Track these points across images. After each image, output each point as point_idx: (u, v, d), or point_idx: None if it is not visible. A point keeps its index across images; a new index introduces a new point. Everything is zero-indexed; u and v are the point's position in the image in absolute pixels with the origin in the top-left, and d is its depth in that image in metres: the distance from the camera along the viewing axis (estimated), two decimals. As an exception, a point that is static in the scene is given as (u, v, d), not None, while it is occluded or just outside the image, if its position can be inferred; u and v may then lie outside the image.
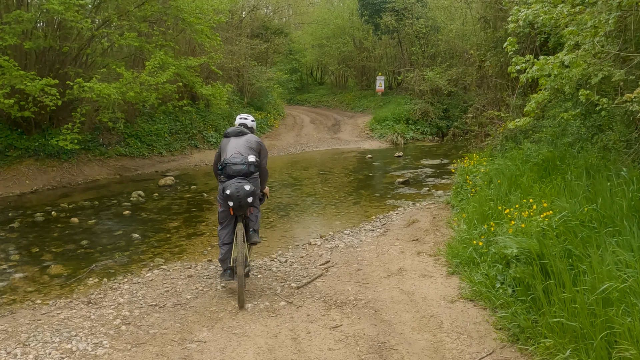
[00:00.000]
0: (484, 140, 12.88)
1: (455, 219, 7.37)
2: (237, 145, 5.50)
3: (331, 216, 9.68)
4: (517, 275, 4.28)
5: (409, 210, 9.50)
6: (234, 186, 5.10)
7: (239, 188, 5.08)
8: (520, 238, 4.43)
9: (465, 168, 9.05)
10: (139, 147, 15.88)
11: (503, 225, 5.32)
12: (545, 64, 5.29)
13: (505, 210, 5.39)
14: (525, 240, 4.31)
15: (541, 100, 5.71)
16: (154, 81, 11.15)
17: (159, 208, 10.57)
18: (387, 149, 20.22)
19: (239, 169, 5.27)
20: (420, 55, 25.62)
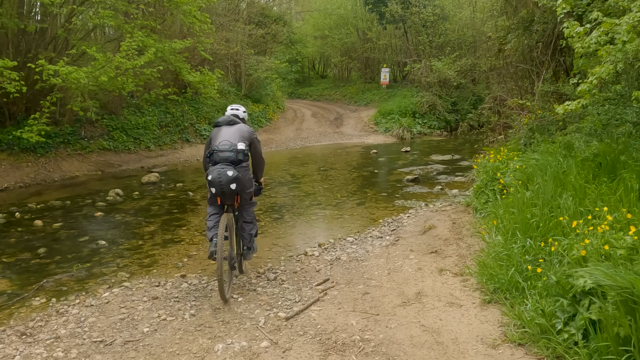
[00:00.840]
0: (503, 132, 11.59)
1: (483, 227, 6.07)
2: (228, 133, 5.17)
3: (332, 219, 8.39)
4: (595, 317, 3.00)
5: (422, 212, 8.20)
6: (217, 171, 4.81)
7: (222, 173, 4.79)
8: (601, 266, 3.13)
9: (489, 164, 7.75)
10: (125, 140, 14.61)
11: (562, 241, 4.03)
12: (614, 26, 3.98)
13: (573, 223, 4.01)
14: (613, 270, 3.01)
15: (605, 74, 4.39)
16: (130, 64, 9.85)
17: (136, 209, 9.30)
18: (393, 143, 18.91)
19: (226, 156, 4.95)
20: (428, 45, 24.26)
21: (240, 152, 5.02)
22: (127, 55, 9.85)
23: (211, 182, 4.86)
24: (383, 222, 7.98)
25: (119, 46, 10.70)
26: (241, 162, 5.05)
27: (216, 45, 15.90)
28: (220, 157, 4.95)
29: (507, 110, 11.25)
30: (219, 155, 4.96)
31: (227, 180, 4.78)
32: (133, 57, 10.00)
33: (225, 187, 4.81)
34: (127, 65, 9.77)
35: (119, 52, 9.97)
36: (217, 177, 4.79)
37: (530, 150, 8.62)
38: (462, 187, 10.72)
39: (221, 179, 4.79)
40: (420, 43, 24.58)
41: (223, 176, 4.78)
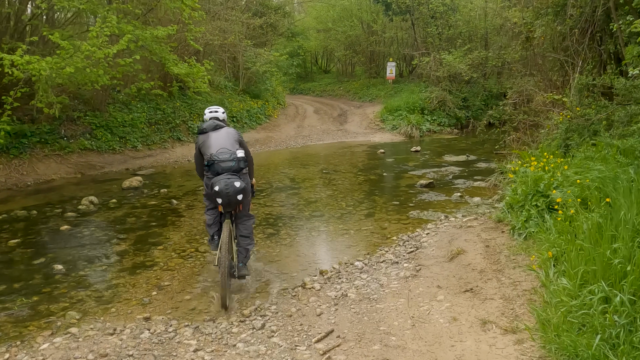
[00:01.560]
0: (528, 132, 10.28)
1: (532, 256, 4.74)
2: (220, 139, 5.09)
3: (336, 235, 7.10)
4: None
5: (444, 229, 6.91)
6: (224, 182, 4.74)
7: (229, 185, 4.74)
8: None
9: (529, 172, 6.42)
10: (109, 139, 13.33)
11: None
12: None
13: None
14: None
15: None
16: (101, 53, 8.55)
17: (109, 221, 8.03)
18: (401, 142, 17.61)
19: (228, 165, 4.89)
20: (437, 38, 22.87)
21: (241, 160, 4.98)
22: (97, 43, 8.54)
23: (219, 194, 4.74)
24: (397, 240, 6.69)
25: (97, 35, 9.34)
26: (242, 169, 5.01)
27: (209, 36, 14.57)
28: (223, 168, 4.86)
29: (534, 106, 9.94)
30: (221, 166, 4.87)
31: (234, 192, 4.74)
32: (105, 45, 8.69)
33: (233, 197, 4.76)
34: (98, 54, 8.47)
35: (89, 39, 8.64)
36: (225, 189, 4.71)
37: (569, 155, 7.31)
38: (483, 194, 9.43)
39: (229, 190, 4.72)
40: (429, 35, 23.22)
41: (230, 187, 4.72)
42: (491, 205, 8.41)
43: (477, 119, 21.99)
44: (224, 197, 4.73)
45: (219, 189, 4.71)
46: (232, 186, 4.72)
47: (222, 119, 5.47)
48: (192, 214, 8.26)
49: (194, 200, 9.20)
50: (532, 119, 9.82)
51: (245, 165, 5.07)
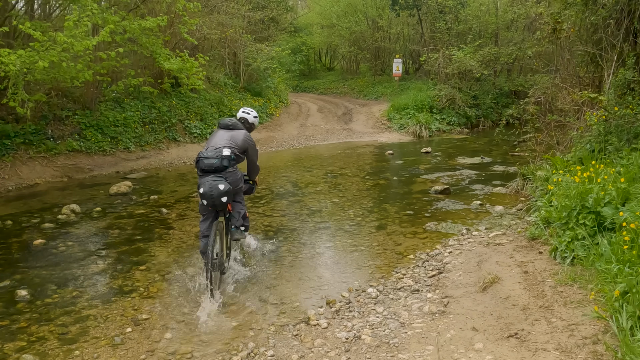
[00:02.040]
0: (552, 133, 9.38)
1: (591, 294, 3.85)
2: (221, 137, 5.26)
3: (345, 253, 6.22)
4: None
5: (468, 246, 6.03)
6: (208, 185, 4.82)
7: (213, 187, 4.80)
8: None
9: (572, 183, 5.52)
10: (99, 140, 12.47)
11: None
12: None
13: None
14: None
15: None
16: (80, 46, 7.67)
17: (90, 234, 7.17)
18: (410, 142, 16.71)
19: (210, 163, 4.93)
20: (446, 33, 21.93)
21: (225, 159, 4.97)
22: (77, 33, 7.64)
23: (203, 195, 4.84)
24: (415, 259, 5.83)
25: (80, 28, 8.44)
26: (227, 167, 4.99)
27: (206, 29, 13.67)
28: (206, 164, 4.93)
29: (561, 105, 9.05)
30: (204, 163, 4.95)
31: (218, 194, 4.80)
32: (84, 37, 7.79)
33: (217, 200, 4.81)
34: (77, 47, 7.59)
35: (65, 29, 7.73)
36: (209, 191, 4.80)
37: (610, 160, 6.42)
38: (505, 201, 8.56)
39: (212, 193, 4.80)
40: (437, 30, 22.28)
41: (215, 190, 4.79)
42: (516, 216, 7.54)
43: (487, 118, 21.11)
44: (209, 200, 4.83)
45: (203, 191, 4.84)
46: (216, 189, 4.79)
47: (251, 123, 5.69)
48: (182, 226, 7.40)
49: (186, 208, 8.34)
50: (558, 119, 8.91)
51: (230, 163, 5.01)
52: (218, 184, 4.80)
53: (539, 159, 9.32)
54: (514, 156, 13.29)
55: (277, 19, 21.47)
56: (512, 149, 13.92)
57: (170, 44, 12.45)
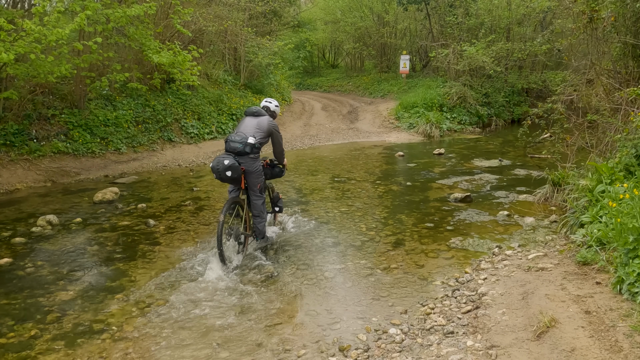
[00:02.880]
0: (584, 135, 8.43)
1: None
2: (247, 124, 5.70)
3: (358, 278, 5.28)
4: None
5: (505, 270, 5.09)
6: (216, 160, 5.34)
7: (219, 162, 5.29)
8: None
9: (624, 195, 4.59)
10: (88, 141, 11.54)
11: None
12: None
13: None
14: None
15: None
16: (52, 36, 6.71)
17: (65, 250, 6.25)
18: (420, 143, 15.76)
19: (235, 146, 5.42)
20: (457, 28, 20.94)
21: (248, 145, 5.43)
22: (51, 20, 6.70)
23: (211, 169, 5.36)
24: (444, 287, 4.90)
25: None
26: (248, 154, 5.46)
27: (203, 21, 12.70)
28: (230, 147, 5.46)
29: (596, 103, 8.10)
30: (229, 145, 5.47)
31: (223, 168, 5.26)
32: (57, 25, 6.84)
33: (222, 173, 5.29)
34: (50, 37, 6.65)
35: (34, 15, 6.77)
36: (216, 165, 5.31)
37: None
38: (534, 211, 7.64)
39: (218, 167, 5.28)
40: (447, 25, 21.29)
41: (220, 164, 5.27)
42: (551, 230, 6.62)
43: (499, 116, 20.17)
44: (215, 173, 5.35)
45: (211, 165, 5.37)
46: (221, 163, 5.28)
47: (273, 111, 6.20)
48: (170, 241, 6.47)
49: (176, 220, 7.41)
50: (592, 120, 7.96)
51: (252, 151, 5.50)
52: (224, 159, 5.30)
53: (570, 162, 8.39)
54: (533, 158, 12.35)
55: (279, 13, 20.48)
56: (530, 151, 12.98)
57: (164, 37, 11.50)
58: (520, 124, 21.07)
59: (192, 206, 8.15)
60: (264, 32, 18.68)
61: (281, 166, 6.33)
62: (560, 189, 8.10)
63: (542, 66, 22.10)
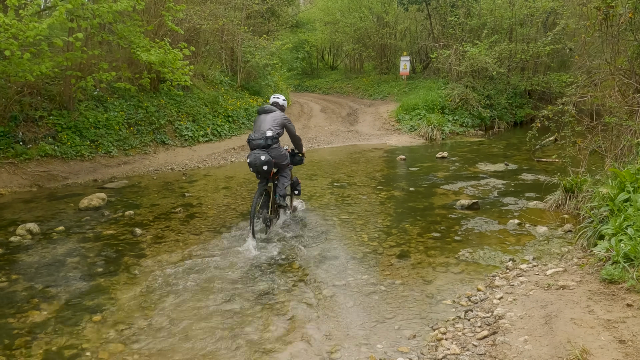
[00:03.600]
0: (596, 138, 7.99)
1: None
2: (263, 121, 6.56)
3: (360, 297, 4.80)
4: None
5: (522, 287, 4.63)
6: (253, 156, 6.25)
7: (256, 158, 6.21)
8: None
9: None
10: (77, 144, 11.08)
11: None
12: None
13: None
14: None
15: None
16: (30, 31, 6.21)
17: (43, 263, 5.77)
18: (422, 145, 15.31)
19: (258, 142, 6.33)
20: (459, 28, 20.51)
21: (268, 138, 6.34)
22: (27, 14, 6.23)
23: (249, 164, 6.30)
24: (455, 307, 4.44)
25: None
26: (270, 146, 6.38)
27: (197, 19, 12.24)
28: (254, 144, 6.36)
29: (610, 105, 7.65)
30: (253, 143, 6.36)
31: (260, 163, 6.20)
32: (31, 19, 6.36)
33: (259, 167, 6.23)
34: (27, 32, 6.16)
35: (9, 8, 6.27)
36: (253, 161, 6.23)
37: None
38: (546, 219, 7.19)
39: (256, 162, 6.22)
40: (449, 25, 20.86)
41: (257, 160, 6.21)
42: (566, 241, 6.18)
43: (502, 119, 19.76)
44: (253, 167, 6.27)
45: (249, 161, 6.27)
46: (258, 159, 6.18)
47: (282, 105, 6.97)
48: (157, 252, 6.00)
49: (165, 228, 6.94)
50: (604, 122, 7.52)
51: (273, 142, 6.37)
52: (260, 155, 6.20)
53: (583, 167, 7.94)
54: (540, 162, 11.92)
55: (277, 13, 20.01)
56: (538, 154, 12.54)
57: (157, 35, 11.03)
58: (523, 126, 20.85)
59: (182, 213, 7.69)
60: (261, 31, 18.22)
61: (300, 155, 7.35)
62: (573, 195, 7.67)
63: (545, 67, 21.71)
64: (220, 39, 15.69)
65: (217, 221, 7.29)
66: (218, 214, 7.68)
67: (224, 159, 12.42)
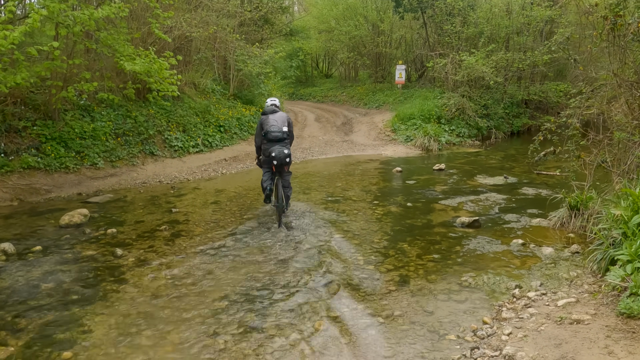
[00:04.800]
0: (603, 151, 7.65)
1: None
2: (275, 119, 7.50)
3: (357, 331, 4.41)
4: None
5: (532, 321, 4.26)
6: (277, 150, 7.26)
7: (280, 152, 7.26)
8: None
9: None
10: (61, 155, 10.65)
11: None
12: None
13: None
14: None
15: None
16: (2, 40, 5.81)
17: (14, 288, 5.35)
18: (418, 157, 14.97)
19: (276, 135, 7.35)
20: (455, 37, 20.25)
21: (285, 133, 7.45)
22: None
23: (275, 157, 7.24)
24: (459, 343, 4.07)
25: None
26: (285, 139, 7.49)
27: (187, 27, 11.86)
28: (273, 136, 7.34)
29: (615, 116, 7.34)
30: (272, 135, 7.34)
31: (284, 156, 7.28)
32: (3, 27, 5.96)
33: (283, 160, 7.29)
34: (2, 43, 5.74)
35: None
36: (279, 154, 7.24)
37: None
38: (551, 239, 6.86)
39: (281, 155, 7.25)
40: (445, 34, 20.59)
41: (282, 154, 7.26)
42: (574, 264, 5.83)
43: (499, 129, 19.48)
44: (278, 160, 7.24)
45: (275, 154, 7.23)
46: (282, 153, 7.27)
47: (277, 105, 7.81)
48: (139, 277, 5.60)
49: (148, 249, 6.53)
50: (615, 137, 7.19)
51: (287, 136, 7.50)
52: (284, 149, 7.28)
53: (588, 183, 7.60)
54: (540, 175, 11.60)
55: (271, 21, 19.66)
56: (539, 168, 12.22)
57: (145, 43, 10.65)
58: (520, 136, 20.58)
59: (167, 231, 7.28)
60: (254, 39, 17.86)
61: None
62: (579, 213, 7.33)
63: (542, 77, 21.48)
64: (212, 47, 15.33)
65: (203, 241, 6.88)
66: (205, 232, 7.28)
67: (214, 171, 12.02)
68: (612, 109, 7.57)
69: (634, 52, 7.02)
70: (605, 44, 7.00)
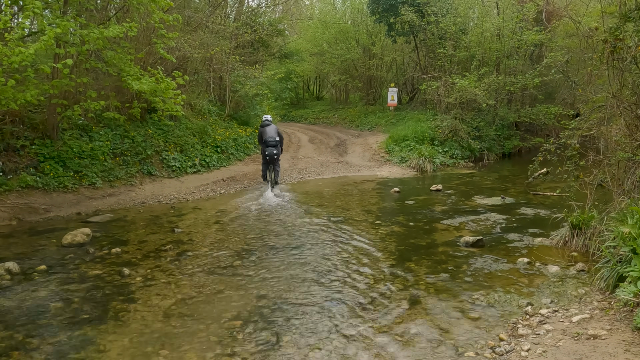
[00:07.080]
0: (605, 172, 7.77)
1: None
2: (270, 130, 11.69)
3: (374, 349, 4.41)
4: None
5: (549, 337, 4.29)
6: (270, 150, 11.47)
7: (272, 152, 11.48)
8: None
9: None
10: (60, 175, 10.59)
11: None
12: None
13: None
14: None
15: None
16: (15, 57, 5.84)
17: (23, 309, 5.29)
18: (414, 178, 15.06)
19: (272, 142, 11.51)
20: (448, 60, 20.57)
21: (276, 140, 11.62)
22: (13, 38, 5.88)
23: (269, 155, 11.50)
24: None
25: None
26: (278, 143, 11.66)
27: (188, 48, 11.95)
28: (269, 143, 11.47)
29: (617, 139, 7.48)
30: (269, 142, 11.48)
31: (275, 154, 11.53)
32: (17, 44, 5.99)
33: (274, 157, 11.53)
34: (12, 57, 5.78)
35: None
36: (270, 153, 11.49)
37: None
38: (555, 258, 6.92)
39: (272, 154, 11.49)
40: (437, 57, 20.91)
41: (272, 153, 11.48)
42: (581, 281, 5.88)
43: (491, 150, 19.68)
44: (270, 157, 11.50)
45: (268, 153, 11.48)
46: (273, 152, 11.49)
47: (270, 120, 12.10)
48: (148, 296, 5.55)
49: (155, 268, 6.49)
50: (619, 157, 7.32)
51: (279, 142, 11.69)
52: (274, 149, 11.49)
53: (589, 203, 7.70)
54: (536, 195, 11.72)
55: (267, 43, 19.86)
56: (537, 188, 12.35)
57: (146, 63, 10.72)
58: (512, 157, 20.82)
59: (173, 251, 7.24)
60: (251, 61, 18.01)
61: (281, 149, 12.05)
62: (581, 232, 7.42)
63: (532, 99, 21.83)
64: (209, 68, 15.42)
65: (210, 260, 6.85)
66: (211, 251, 7.25)
67: (212, 191, 12.00)
68: (610, 129, 7.71)
69: (633, 74, 7.19)
70: (605, 67, 7.16)
